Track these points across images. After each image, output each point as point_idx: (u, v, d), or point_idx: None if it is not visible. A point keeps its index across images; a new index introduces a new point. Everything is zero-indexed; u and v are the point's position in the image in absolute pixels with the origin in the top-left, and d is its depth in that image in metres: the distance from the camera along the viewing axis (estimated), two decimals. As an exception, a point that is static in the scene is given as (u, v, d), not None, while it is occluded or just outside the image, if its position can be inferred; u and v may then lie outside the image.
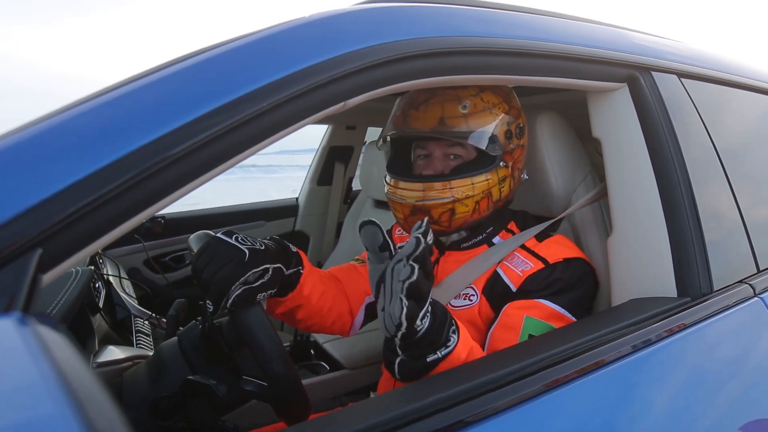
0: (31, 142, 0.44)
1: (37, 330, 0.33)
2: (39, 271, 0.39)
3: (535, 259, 0.89)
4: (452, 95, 0.90)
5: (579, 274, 0.89)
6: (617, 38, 0.92)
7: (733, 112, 1.08)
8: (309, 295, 0.92)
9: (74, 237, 0.42)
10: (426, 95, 0.91)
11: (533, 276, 0.87)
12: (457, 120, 0.89)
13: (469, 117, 0.89)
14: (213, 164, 0.52)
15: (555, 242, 0.93)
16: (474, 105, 0.89)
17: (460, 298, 0.93)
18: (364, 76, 0.61)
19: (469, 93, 0.90)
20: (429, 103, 0.90)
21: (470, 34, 0.71)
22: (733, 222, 0.91)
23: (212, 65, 0.55)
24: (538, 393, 0.60)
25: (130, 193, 0.46)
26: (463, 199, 0.89)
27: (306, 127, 0.65)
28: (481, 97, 0.90)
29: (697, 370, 0.75)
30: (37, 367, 0.30)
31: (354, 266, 1.12)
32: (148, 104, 0.50)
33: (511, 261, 0.91)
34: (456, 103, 0.89)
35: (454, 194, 0.88)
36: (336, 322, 1.02)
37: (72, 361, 0.32)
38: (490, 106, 0.91)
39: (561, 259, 0.88)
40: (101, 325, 1.17)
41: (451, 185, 0.88)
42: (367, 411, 0.56)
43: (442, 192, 0.88)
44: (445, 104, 0.89)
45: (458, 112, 0.89)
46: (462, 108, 0.89)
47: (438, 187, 0.88)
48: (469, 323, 0.90)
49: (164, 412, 0.78)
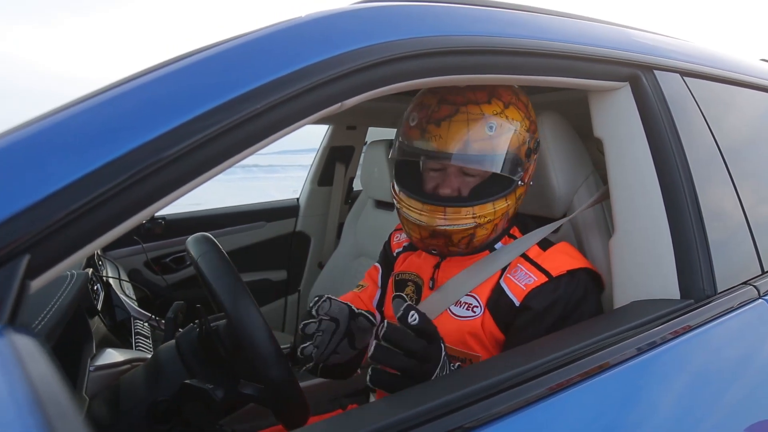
0: (20, 144, 0.43)
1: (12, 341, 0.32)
2: (27, 277, 0.39)
3: (538, 272, 0.87)
4: (477, 113, 0.83)
5: (583, 289, 0.87)
6: (619, 37, 0.91)
7: (736, 111, 1.07)
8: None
9: (64, 241, 0.41)
10: (448, 110, 0.84)
11: (537, 290, 0.86)
12: (483, 143, 0.83)
13: (495, 139, 0.84)
14: (209, 165, 0.51)
15: (559, 252, 0.91)
16: (500, 126, 0.84)
17: (463, 308, 0.91)
18: (362, 76, 0.60)
19: (494, 111, 0.85)
20: (452, 121, 0.83)
21: (469, 33, 0.70)
22: (736, 222, 0.90)
23: (209, 65, 0.54)
24: (542, 397, 0.59)
25: (124, 195, 0.45)
26: (485, 224, 0.86)
27: (306, 127, 0.64)
28: (506, 115, 0.85)
29: (702, 372, 0.74)
30: (7, 382, 0.29)
31: (357, 295, 1.11)
32: (140, 105, 0.49)
33: (514, 274, 0.89)
34: (482, 123, 0.83)
35: (477, 220, 0.85)
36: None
37: (46, 377, 0.31)
38: (515, 125, 0.86)
39: (564, 272, 0.86)
40: (99, 328, 1.16)
41: (474, 211, 0.85)
42: (366, 416, 0.56)
43: (464, 218, 0.85)
44: (470, 124, 0.83)
45: (485, 134, 0.83)
46: (488, 129, 0.83)
47: (461, 213, 0.85)
48: (472, 336, 0.89)
49: (161, 416, 0.77)
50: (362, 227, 2.08)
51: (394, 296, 0.91)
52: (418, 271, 1.02)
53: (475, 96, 0.85)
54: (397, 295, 0.86)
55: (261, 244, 2.33)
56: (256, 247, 2.32)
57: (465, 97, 0.85)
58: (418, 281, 1.01)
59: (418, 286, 1.01)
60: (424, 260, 1.03)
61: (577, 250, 0.94)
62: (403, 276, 1.05)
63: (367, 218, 2.07)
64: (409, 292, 1.02)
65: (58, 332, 0.78)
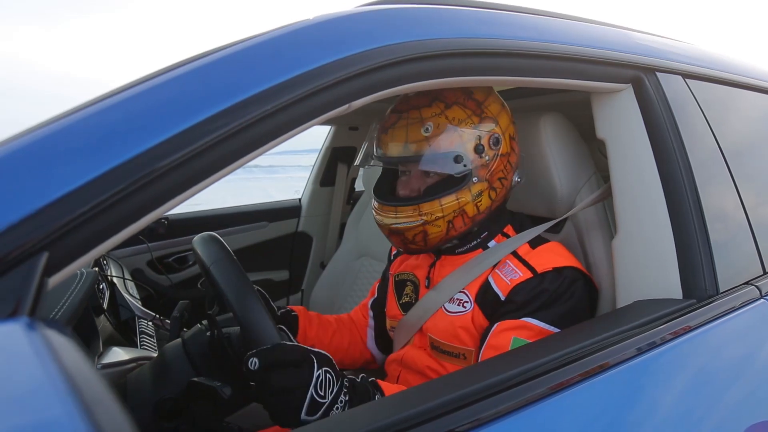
0: (36, 145, 0.44)
1: (44, 334, 0.33)
2: (45, 274, 0.40)
3: (524, 268, 0.89)
4: (416, 117, 0.89)
5: (567, 284, 0.87)
6: (621, 39, 0.92)
7: (738, 113, 1.07)
8: (314, 345, 0.89)
9: (80, 240, 0.42)
10: (394, 118, 0.91)
11: (521, 285, 0.87)
12: (420, 144, 0.87)
13: (431, 139, 0.87)
14: (218, 167, 0.52)
15: (547, 250, 0.92)
16: (437, 126, 0.87)
17: (454, 304, 0.94)
18: (369, 78, 0.61)
19: (433, 113, 0.88)
20: (395, 127, 0.90)
21: (474, 35, 0.71)
22: (738, 223, 0.91)
23: (217, 68, 0.55)
24: (543, 396, 0.59)
25: (137, 195, 0.46)
26: (433, 221, 0.88)
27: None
28: (446, 115, 0.88)
29: (704, 372, 0.74)
30: (45, 371, 0.30)
31: (365, 305, 1.21)
32: (153, 107, 0.50)
33: (501, 269, 0.91)
34: (419, 125, 0.88)
35: (423, 218, 0.88)
36: (358, 360, 1.17)
37: (79, 364, 0.32)
38: (456, 123, 0.88)
39: (550, 269, 0.88)
40: (105, 327, 1.17)
41: (420, 209, 0.88)
42: (366, 415, 0.56)
43: (412, 215, 0.89)
44: (409, 128, 0.89)
45: (420, 136, 0.87)
46: (424, 131, 0.87)
47: (408, 211, 0.89)
48: (463, 330, 0.92)
49: (168, 414, 0.78)
50: (364, 228, 2.09)
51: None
52: (415, 271, 1.07)
53: (418, 101, 0.90)
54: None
55: (263, 244, 2.33)
56: (258, 247, 2.32)
57: (408, 104, 0.91)
58: (415, 281, 1.06)
59: (415, 286, 1.05)
60: (420, 260, 1.07)
61: (567, 250, 0.95)
62: (401, 276, 1.10)
63: (368, 219, 2.08)
64: (408, 292, 1.06)
65: (69, 329, 0.79)
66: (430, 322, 0.97)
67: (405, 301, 1.05)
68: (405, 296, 1.06)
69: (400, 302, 1.07)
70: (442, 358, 0.95)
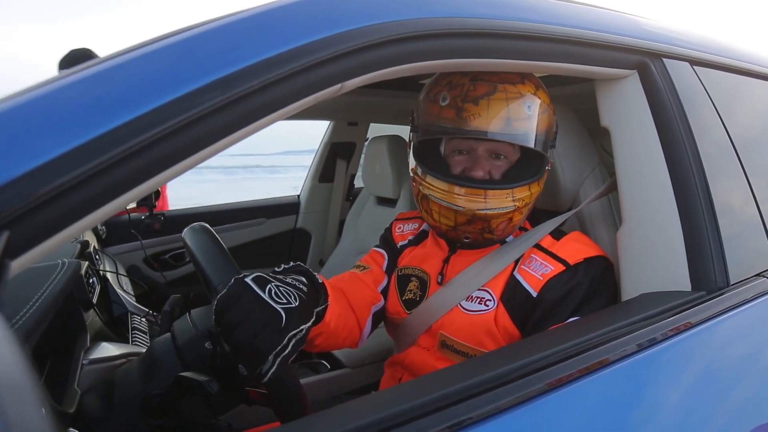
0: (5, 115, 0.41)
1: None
2: (6, 255, 0.36)
3: (554, 261, 0.85)
4: (514, 92, 0.82)
5: (600, 274, 0.85)
6: (627, 23, 0.89)
7: (748, 102, 1.04)
8: (329, 321, 0.84)
9: (48, 219, 0.39)
10: (485, 88, 0.81)
11: (555, 279, 0.84)
12: (523, 123, 0.82)
13: (533, 119, 0.83)
14: (202, 144, 0.49)
15: (573, 240, 0.89)
16: (537, 106, 0.83)
17: (474, 302, 0.88)
18: (363, 56, 0.58)
19: (528, 90, 0.83)
20: (492, 99, 0.80)
21: (475, 15, 0.68)
22: (749, 213, 0.88)
23: (205, 40, 0.52)
24: (546, 390, 0.56)
25: (113, 171, 0.42)
26: (522, 207, 0.85)
27: (310, 128, 0.62)
28: (539, 95, 0.85)
29: (715, 366, 0.71)
30: None
31: (355, 274, 1.05)
32: (135, 78, 0.47)
33: (529, 265, 0.87)
34: (521, 101, 0.82)
35: (516, 203, 0.83)
36: (347, 338, 0.96)
37: (6, 359, 0.29)
38: (546, 106, 0.86)
39: (581, 260, 0.85)
40: (94, 322, 1.14)
41: (513, 194, 0.83)
42: (362, 408, 0.53)
43: (505, 201, 0.83)
44: (509, 102, 0.81)
45: (524, 113, 0.82)
46: (527, 108, 0.82)
47: (501, 196, 0.82)
48: (483, 330, 0.86)
49: (155, 410, 0.75)
50: (363, 224, 2.06)
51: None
52: (424, 266, 0.99)
53: (509, 76, 0.83)
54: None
55: (261, 241, 2.31)
56: (257, 244, 2.30)
57: (499, 76, 0.83)
58: (423, 276, 0.98)
59: (422, 282, 0.97)
60: (431, 255, 0.99)
61: (590, 239, 0.92)
62: (406, 271, 1.02)
63: (368, 215, 2.05)
64: (412, 288, 0.98)
65: (47, 320, 0.76)
66: (444, 320, 0.91)
67: (408, 298, 0.98)
68: (408, 292, 0.98)
69: (402, 299, 0.99)
70: (453, 357, 0.90)
